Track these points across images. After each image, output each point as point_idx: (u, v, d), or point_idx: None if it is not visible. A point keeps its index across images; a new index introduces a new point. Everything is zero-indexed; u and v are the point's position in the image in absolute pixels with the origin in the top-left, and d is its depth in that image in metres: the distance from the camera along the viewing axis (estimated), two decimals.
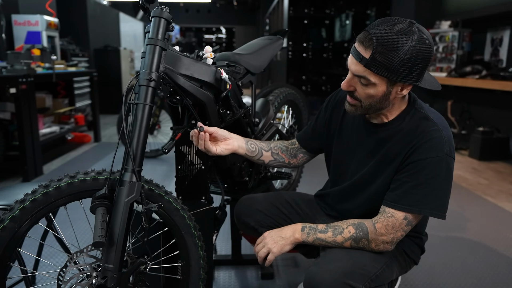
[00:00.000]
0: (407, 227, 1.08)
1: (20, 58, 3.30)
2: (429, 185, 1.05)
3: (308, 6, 6.44)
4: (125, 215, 0.99)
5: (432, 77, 1.10)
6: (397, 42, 0.96)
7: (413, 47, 0.96)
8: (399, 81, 1.01)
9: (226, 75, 1.28)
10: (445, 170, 1.05)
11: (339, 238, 1.12)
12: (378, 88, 1.03)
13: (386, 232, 1.08)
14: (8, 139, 3.49)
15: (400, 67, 0.97)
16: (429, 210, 1.07)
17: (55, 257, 2.00)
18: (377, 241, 1.09)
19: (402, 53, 0.96)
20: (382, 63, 0.98)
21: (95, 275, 1.03)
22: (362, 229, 1.11)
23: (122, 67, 7.03)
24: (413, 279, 1.88)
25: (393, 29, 0.97)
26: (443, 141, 1.05)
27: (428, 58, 0.99)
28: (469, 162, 4.13)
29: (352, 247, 1.12)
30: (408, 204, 1.06)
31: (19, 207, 0.97)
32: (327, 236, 1.13)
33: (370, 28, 1.00)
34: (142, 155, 1.04)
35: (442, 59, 5.29)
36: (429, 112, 1.11)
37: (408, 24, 0.98)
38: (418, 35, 0.97)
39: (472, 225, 2.52)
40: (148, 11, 1.13)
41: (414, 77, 1.00)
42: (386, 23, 0.99)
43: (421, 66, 0.99)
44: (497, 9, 4.25)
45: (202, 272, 1.21)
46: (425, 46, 0.97)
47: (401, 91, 1.05)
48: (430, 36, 1.00)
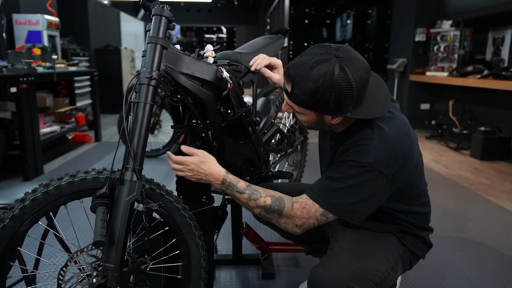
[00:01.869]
0: (321, 217, 1.07)
1: (21, 57, 3.30)
2: (339, 182, 1.04)
3: (309, 5, 6.43)
4: (126, 214, 0.99)
5: (380, 101, 1.06)
6: (312, 80, 0.97)
7: (329, 86, 0.96)
8: (324, 113, 1.03)
9: (227, 74, 1.28)
10: (358, 176, 1.02)
11: (252, 203, 1.14)
12: (308, 117, 1.08)
13: (300, 215, 1.08)
14: (8, 139, 3.49)
15: (317, 103, 0.99)
16: (327, 204, 1.05)
17: (56, 257, 1.99)
18: (288, 221, 1.10)
19: (318, 93, 0.97)
20: (300, 97, 1.01)
21: (96, 275, 1.02)
22: (279, 204, 1.11)
23: (123, 66, 7.03)
24: (415, 278, 1.87)
25: (312, 65, 0.97)
26: (369, 150, 1.02)
27: (350, 95, 0.97)
28: (471, 162, 4.12)
29: (260, 214, 1.14)
30: (315, 192, 1.07)
31: (19, 206, 0.97)
32: (242, 197, 1.15)
33: (294, 61, 1.03)
34: (142, 154, 1.04)
35: (444, 59, 5.28)
36: (380, 121, 1.06)
37: (331, 59, 0.96)
38: (339, 72, 0.95)
39: (473, 225, 2.51)
40: (149, 9, 1.12)
41: (339, 110, 1.00)
42: (310, 55, 0.99)
43: (343, 102, 0.98)
44: (498, 9, 4.24)
45: (203, 271, 1.21)
46: (343, 84, 0.96)
47: (333, 119, 1.05)
48: (358, 70, 0.97)
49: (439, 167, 3.86)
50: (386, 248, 1.16)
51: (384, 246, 1.16)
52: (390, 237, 1.20)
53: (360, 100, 1.01)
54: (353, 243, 1.17)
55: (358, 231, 1.21)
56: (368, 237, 1.19)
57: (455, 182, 3.37)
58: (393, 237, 1.20)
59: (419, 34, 5.56)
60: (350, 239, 1.19)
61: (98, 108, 4.78)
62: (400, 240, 1.20)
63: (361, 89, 0.99)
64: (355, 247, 1.15)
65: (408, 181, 1.11)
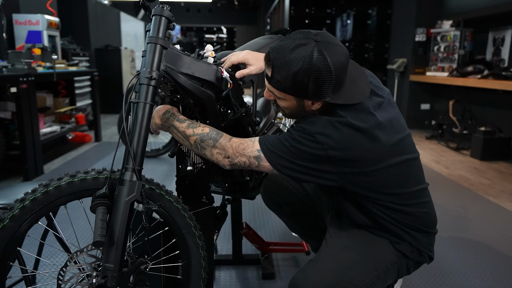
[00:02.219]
0: (253, 160, 1.08)
1: (21, 57, 3.30)
2: (284, 140, 1.05)
3: (309, 5, 6.43)
4: (126, 214, 0.99)
5: (360, 83, 1.06)
6: (291, 64, 0.98)
7: (308, 69, 0.97)
8: (304, 98, 1.03)
9: (227, 74, 1.27)
10: (301, 141, 1.03)
11: (189, 131, 1.14)
12: (289, 102, 1.07)
13: (235, 149, 1.09)
14: (8, 139, 3.49)
15: (297, 87, 1.00)
16: (265, 147, 1.06)
17: (55, 257, 1.99)
18: (220, 151, 1.10)
19: (297, 76, 0.98)
20: (281, 82, 1.01)
21: (95, 275, 1.02)
22: (217, 134, 1.12)
23: (123, 66, 7.03)
24: (415, 279, 1.87)
25: (292, 49, 0.98)
26: (316, 122, 1.03)
27: (329, 79, 0.98)
28: (471, 162, 4.12)
29: (195, 144, 1.13)
30: (261, 138, 1.09)
31: (19, 206, 0.97)
32: (181, 125, 1.15)
33: (274, 45, 1.03)
34: (142, 154, 1.04)
35: (444, 59, 5.28)
36: (344, 110, 1.05)
37: (310, 43, 0.97)
38: (318, 55, 0.96)
39: (474, 225, 2.51)
40: (149, 9, 1.12)
41: (318, 95, 1.01)
42: (290, 40, 1.00)
43: (322, 86, 0.99)
44: (499, 9, 4.24)
45: (203, 272, 1.21)
46: (322, 67, 0.96)
47: (313, 105, 1.06)
48: (337, 54, 0.98)
49: (439, 167, 3.86)
50: (376, 256, 1.11)
51: (374, 254, 1.12)
52: (383, 243, 1.14)
53: (339, 85, 1.01)
54: (341, 248, 1.13)
55: (352, 235, 1.17)
56: (359, 243, 1.14)
57: (455, 182, 3.37)
58: (386, 242, 1.14)
59: (419, 34, 5.56)
60: (339, 244, 1.15)
61: (98, 108, 4.78)
62: (394, 246, 1.14)
63: (340, 74, 1.00)
64: (341, 253, 1.12)
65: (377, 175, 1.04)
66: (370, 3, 6.41)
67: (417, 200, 1.14)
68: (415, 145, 1.16)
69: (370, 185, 1.06)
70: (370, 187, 1.07)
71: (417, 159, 1.15)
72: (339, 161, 1.02)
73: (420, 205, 1.15)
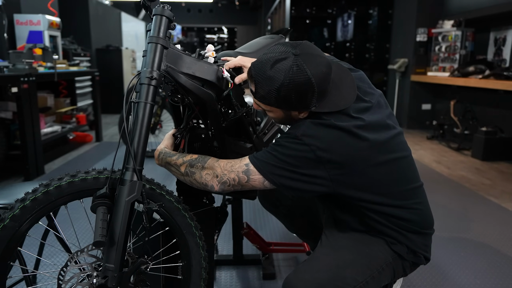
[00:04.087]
0: (242, 175, 1.07)
1: (22, 57, 3.30)
2: (272, 149, 1.06)
3: (310, 5, 6.43)
4: (126, 214, 0.99)
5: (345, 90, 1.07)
6: (272, 80, 0.99)
7: (288, 84, 0.98)
8: (289, 110, 1.04)
9: (227, 74, 1.27)
10: (288, 146, 1.03)
11: (179, 161, 1.16)
12: (276, 113, 1.08)
13: (223, 167, 1.09)
14: (9, 139, 3.49)
15: (280, 101, 1.01)
16: (253, 157, 1.07)
17: (56, 257, 1.99)
18: (209, 171, 1.10)
19: (279, 91, 0.99)
20: (265, 97, 1.03)
21: (96, 275, 1.02)
22: (205, 157, 1.14)
23: (124, 66, 7.04)
24: (416, 279, 1.87)
25: (271, 65, 0.99)
26: (301, 125, 1.04)
27: (311, 91, 0.99)
28: (472, 162, 4.11)
29: (185, 172, 1.14)
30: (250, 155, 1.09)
31: (19, 206, 0.97)
32: (171, 160, 1.17)
33: (255, 62, 1.05)
34: (143, 154, 1.04)
35: (445, 59, 5.28)
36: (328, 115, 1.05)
37: (286, 59, 0.99)
38: (297, 70, 0.97)
39: (475, 226, 2.50)
40: (150, 9, 1.12)
41: (302, 106, 1.02)
42: (270, 55, 1.01)
43: (305, 98, 1.00)
44: (500, 9, 4.23)
45: (203, 272, 1.21)
46: (302, 81, 0.98)
47: (300, 114, 1.07)
48: (317, 67, 0.98)
49: (440, 168, 3.86)
50: (370, 256, 1.10)
51: (369, 254, 1.11)
52: (378, 243, 1.13)
53: (323, 94, 1.02)
54: (335, 248, 1.13)
55: (347, 236, 1.17)
56: (354, 243, 1.14)
57: (456, 183, 3.37)
58: (382, 243, 1.13)
59: (420, 34, 5.55)
60: (334, 244, 1.15)
61: (99, 108, 4.79)
62: (390, 246, 1.13)
63: (322, 84, 1.00)
64: (335, 253, 1.11)
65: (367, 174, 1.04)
66: (371, 3, 6.40)
67: (410, 200, 1.13)
68: (406, 143, 1.16)
69: (361, 185, 1.06)
70: (362, 188, 1.06)
71: (408, 157, 1.14)
72: (328, 162, 1.01)
73: (413, 205, 1.13)
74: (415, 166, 1.19)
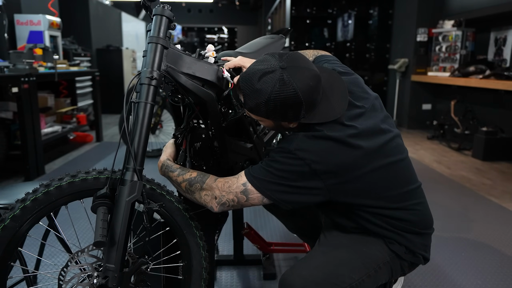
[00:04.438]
0: (241, 195, 1.08)
1: (22, 57, 3.30)
2: (267, 165, 1.07)
3: (310, 5, 6.42)
4: (126, 214, 0.99)
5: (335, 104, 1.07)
6: (259, 93, 1.01)
7: (275, 97, 0.99)
8: (279, 121, 1.05)
9: (228, 74, 1.27)
10: (283, 161, 1.04)
11: (179, 178, 1.16)
12: (267, 123, 1.10)
13: (221, 188, 1.09)
14: (10, 139, 3.49)
15: (269, 113, 1.03)
16: (250, 176, 1.07)
17: (56, 257, 1.99)
18: (207, 192, 1.10)
19: (267, 103, 1.01)
20: (254, 109, 1.04)
21: (96, 275, 1.02)
22: (203, 177, 1.14)
23: (124, 66, 7.04)
24: (417, 279, 1.86)
25: (259, 78, 1.01)
26: (293, 139, 1.05)
27: (297, 104, 1.00)
28: (473, 162, 4.10)
29: (186, 190, 1.15)
30: (246, 170, 1.09)
31: (20, 206, 0.97)
32: (173, 175, 1.18)
33: (243, 74, 1.06)
34: (143, 154, 1.04)
35: (445, 59, 5.28)
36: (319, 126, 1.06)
37: (273, 72, 1.00)
38: (283, 84, 0.98)
39: (476, 226, 2.50)
40: (150, 9, 1.12)
41: (291, 118, 1.04)
42: (256, 69, 1.02)
43: (292, 111, 1.01)
44: (500, 9, 4.23)
45: (204, 272, 1.21)
46: (288, 94, 0.99)
47: (290, 124, 1.08)
48: (303, 80, 0.99)
49: (441, 168, 3.85)
50: (367, 255, 1.11)
51: (366, 252, 1.12)
52: (376, 242, 1.14)
53: (311, 106, 1.03)
54: (333, 247, 1.14)
55: (346, 235, 1.17)
56: (352, 242, 1.14)
57: (457, 183, 3.36)
58: (380, 242, 1.14)
59: (420, 34, 5.55)
60: (332, 243, 1.16)
61: (99, 108, 4.79)
62: (388, 245, 1.14)
63: (309, 97, 1.01)
64: (332, 251, 1.12)
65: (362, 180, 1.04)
66: (371, 3, 6.40)
67: (408, 201, 1.13)
68: (403, 146, 1.15)
69: (358, 191, 1.06)
70: (359, 193, 1.07)
71: (405, 160, 1.14)
72: (323, 173, 1.02)
73: (412, 206, 1.14)
74: (412, 167, 1.19)
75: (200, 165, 1.41)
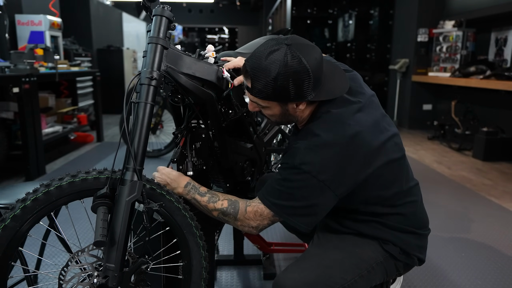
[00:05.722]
0: (273, 218, 1.11)
1: (23, 57, 3.31)
2: (279, 185, 1.08)
3: (311, 6, 6.42)
4: (126, 214, 0.99)
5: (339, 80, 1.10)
6: (267, 70, 1.00)
7: (284, 73, 0.99)
8: (287, 102, 1.05)
9: (227, 74, 1.28)
10: (292, 179, 1.05)
11: (210, 206, 1.18)
12: (273, 109, 1.09)
13: (254, 218, 1.12)
14: (11, 139, 3.50)
15: (278, 92, 1.02)
16: (271, 205, 1.09)
17: (57, 257, 2.00)
18: (244, 223, 1.14)
19: (276, 81, 1.00)
20: (262, 90, 1.03)
21: (97, 275, 1.02)
22: (234, 207, 1.15)
23: (125, 67, 7.05)
24: (416, 279, 1.87)
25: (265, 57, 1.01)
26: (296, 153, 1.05)
27: (307, 79, 1.00)
28: (473, 162, 4.10)
29: (218, 217, 1.18)
30: (263, 194, 1.11)
31: (20, 206, 0.97)
32: (202, 200, 1.19)
33: (248, 58, 1.06)
34: (143, 154, 1.04)
35: (446, 59, 5.27)
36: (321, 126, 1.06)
37: (282, 48, 1.00)
38: (291, 59, 0.99)
39: (476, 226, 2.50)
40: (150, 10, 1.12)
41: (300, 95, 1.03)
42: (262, 49, 1.03)
43: (302, 87, 1.01)
44: (501, 9, 4.22)
45: (204, 272, 1.21)
46: (298, 69, 0.99)
47: (297, 107, 1.08)
48: (310, 54, 1.00)
49: (441, 168, 3.85)
50: (360, 255, 1.11)
51: (359, 253, 1.12)
52: (369, 243, 1.14)
53: (318, 82, 1.04)
54: (325, 248, 1.15)
55: (339, 236, 1.17)
56: (344, 244, 1.15)
57: (457, 183, 3.36)
58: (374, 243, 1.14)
59: (421, 34, 5.55)
60: (324, 244, 1.16)
61: (100, 108, 4.80)
62: (382, 246, 1.14)
63: (317, 71, 1.02)
64: (325, 253, 1.13)
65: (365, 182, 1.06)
66: (372, 3, 6.40)
67: (404, 199, 1.14)
68: (401, 145, 1.16)
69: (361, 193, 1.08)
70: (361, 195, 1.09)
71: (403, 158, 1.15)
72: (332, 183, 1.03)
73: (408, 204, 1.14)
74: (410, 166, 1.20)
75: (200, 165, 1.41)
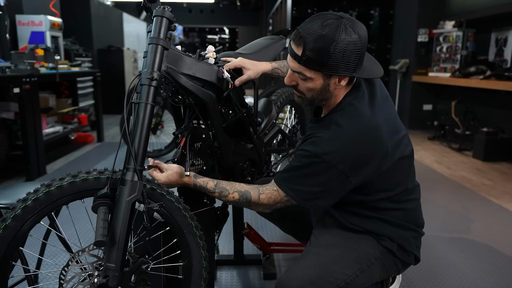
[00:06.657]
0: (286, 201, 1.16)
1: (24, 58, 3.31)
2: (296, 171, 1.11)
3: (312, 6, 6.43)
4: (127, 214, 0.99)
5: (374, 64, 1.14)
6: (325, 38, 1.00)
7: (340, 41, 1.00)
8: (334, 74, 1.05)
9: (228, 75, 1.28)
10: (310, 166, 1.08)
11: (223, 199, 1.25)
12: (316, 82, 1.09)
13: (268, 203, 1.18)
14: (11, 139, 3.51)
15: (330, 62, 1.02)
16: (288, 190, 1.13)
17: (57, 256, 2.00)
18: (258, 207, 1.21)
19: (330, 48, 1.00)
20: (313, 59, 1.03)
21: (97, 274, 1.03)
22: (246, 198, 1.21)
23: (125, 67, 7.05)
24: (416, 279, 1.87)
25: (321, 25, 1.01)
26: (318, 142, 1.08)
27: (358, 51, 1.02)
28: (473, 162, 4.10)
29: (232, 203, 1.27)
30: (280, 178, 1.15)
31: (21, 206, 0.97)
32: (214, 195, 1.26)
33: (301, 25, 1.06)
34: (144, 154, 1.04)
35: (446, 59, 5.27)
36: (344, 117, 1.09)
37: (336, 19, 1.02)
38: (346, 29, 1.01)
39: (476, 226, 2.50)
40: (150, 10, 1.13)
41: (348, 69, 1.04)
42: (316, 19, 1.04)
43: (352, 59, 1.03)
44: (501, 9, 4.22)
45: (204, 271, 1.21)
46: (353, 39, 1.01)
47: (339, 83, 1.09)
48: (361, 29, 1.03)
49: (441, 168, 3.85)
50: (358, 250, 1.13)
51: (357, 249, 1.14)
52: (366, 239, 1.16)
53: (362, 60, 1.06)
54: (324, 246, 1.16)
55: (335, 234, 1.19)
56: (342, 240, 1.16)
57: (457, 183, 3.36)
58: (371, 239, 1.16)
59: (421, 34, 5.55)
60: (322, 242, 1.18)
61: (100, 109, 4.80)
62: (379, 242, 1.16)
63: (365, 47, 1.05)
64: (324, 250, 1.14)
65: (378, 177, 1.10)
66: (372, 3, 6.40)
67: (409, 196, 1.19)
68: (411, 143, 1.21)
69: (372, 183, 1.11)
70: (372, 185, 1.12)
71: (413, 156, 1.21)
72: (350, 172, 1.06)
73: (410, 202, 1.20)
74: (414, 165, 1.24)
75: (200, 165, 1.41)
